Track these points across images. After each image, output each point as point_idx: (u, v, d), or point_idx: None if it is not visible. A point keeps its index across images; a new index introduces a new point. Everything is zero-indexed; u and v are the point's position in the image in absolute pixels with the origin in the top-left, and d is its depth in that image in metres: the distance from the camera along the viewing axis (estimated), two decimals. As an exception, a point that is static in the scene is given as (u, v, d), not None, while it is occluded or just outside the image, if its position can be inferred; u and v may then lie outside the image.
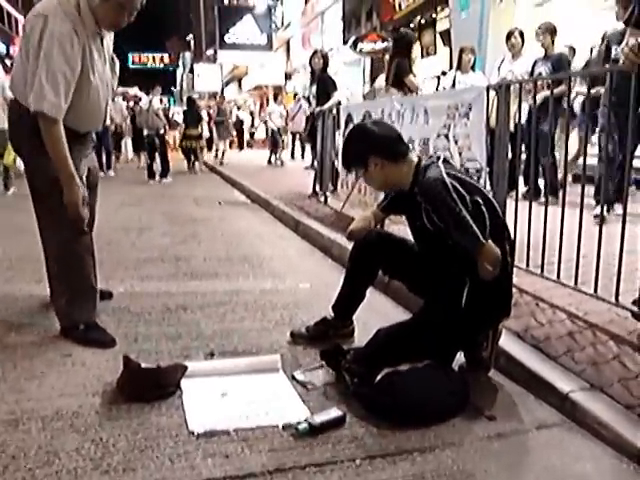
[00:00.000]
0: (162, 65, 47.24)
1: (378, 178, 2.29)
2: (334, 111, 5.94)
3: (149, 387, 2.12)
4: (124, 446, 1.82)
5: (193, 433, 1.89)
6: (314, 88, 7.03)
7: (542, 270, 3.08)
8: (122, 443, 1.84)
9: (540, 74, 5.70)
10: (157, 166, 10.39)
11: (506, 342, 2.43)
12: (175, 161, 11.49)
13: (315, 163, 7.17)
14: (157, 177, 10.34)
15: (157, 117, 10.25)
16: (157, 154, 10.42)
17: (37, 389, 2.19)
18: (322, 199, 6.54)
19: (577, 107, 6.54)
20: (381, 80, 6.91)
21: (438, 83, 7.80)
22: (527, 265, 3.18)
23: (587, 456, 1.80)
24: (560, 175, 5.27)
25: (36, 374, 2.31)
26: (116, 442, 1.84)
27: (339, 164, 5.88)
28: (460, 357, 2.35)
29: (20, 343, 2.62)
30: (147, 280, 3.73)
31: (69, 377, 2.30)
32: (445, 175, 2.06)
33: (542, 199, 3.19)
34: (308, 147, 10.53)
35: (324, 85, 6.89)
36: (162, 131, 10.46)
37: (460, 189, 2.03)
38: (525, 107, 4.52)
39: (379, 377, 2.11)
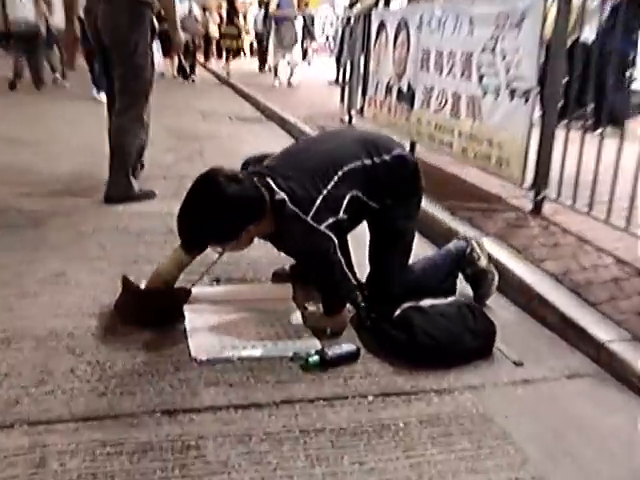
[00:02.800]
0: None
1: (248, 241, 2.20)
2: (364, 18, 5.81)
3: (149, 311, 2.21)
4: (122, 370, 1.93)
5: (196, 360, 2.00)
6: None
7: (590, 209, 3.09)
8: (119, 367, 1.95)
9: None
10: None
11: (541, 284, 2.50)
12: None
13: (341, 77, 7.08)
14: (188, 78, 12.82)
15: (196, 22, 13.33)
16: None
17: (29, 308, 2.31)
18: (347, 119, 6.50)
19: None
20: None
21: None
22: (574, 202, 3.19)
23: (621, 409, 1.87)
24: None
25: (28, 293, 2.43)
26: (113, 365, 1.95)
27: (370, 78, 5.80)
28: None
29: (8, 262, 2.73)
30: (146, 200, 3.81)
31: (63, 297, 2.41)
32: (302, 214, 2.07)
33: (599, 130, 3.15)
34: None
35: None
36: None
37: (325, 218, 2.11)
38: (592, 19, 4.36)
39: (398, 312, 2.20)
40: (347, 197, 2.19)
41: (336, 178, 2.18)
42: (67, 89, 9.76)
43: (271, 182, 2.12)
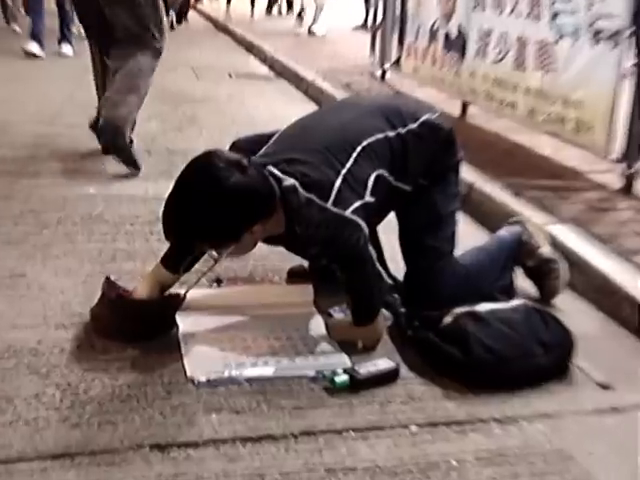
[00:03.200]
0: None
1: (252, 243, 2.20)
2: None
3: (134, 321, 2.23)
4: (100, 394, 1.95)
5: (193, 381, 2.02)
6: None
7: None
8: (97, 390, 1.97)
9: None
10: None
11: (633, 283, 2.50)
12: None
13: (370, 20, 7.07)
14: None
15: None
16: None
17: (-21, 318, 2.33)
18: (379, 74, 6.50)
19: None
20: None
21: None
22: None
23: None
24: None
25: (-22, 298, 2.46)
26: (89, 388, 1.97)
27: (409, 21, 5.79)
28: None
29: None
30: (128, 179, 3.84)
31: (24, 304, 2.44)
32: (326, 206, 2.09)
33: None
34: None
35: None
36: None
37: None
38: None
39: (447, 319, 2.21)
40: (372, 177, 2.21)
41: (355, 154, 2.20)
42: (19, 35, 9.77)
43: (273, 169, 2.13)
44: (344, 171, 2.15)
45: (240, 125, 5.17)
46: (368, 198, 2.17)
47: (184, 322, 2.31)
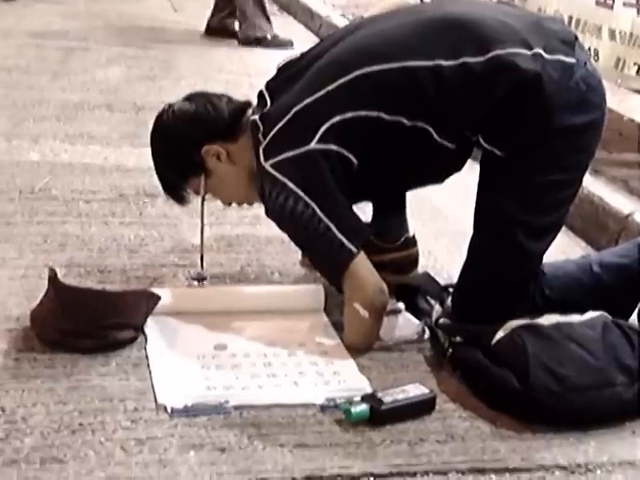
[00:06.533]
0: None
1: (232, 175, 2.58)
2: None
3: (89, 326, 2.24)
4: (43, 422, 1.95)
5: (165, 408, 2.02)
6: None
7: None
8: (40, 417, 1.97)
9: None
10: None
11: None
12: None
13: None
14: None
15: None
16: None
17: None
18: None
19: None
20: None
21: None
22: None
23: None
24: None
25: None
26: (29, 415, 1.97)
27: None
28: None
29: None
30: (82, 143, 3.85)
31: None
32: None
33: None
34: None
35: None
36: None
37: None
38: None
39: (500, 334, 2.21)
40: (340, 119, 2.28)
41: (341, 81, 2.29)
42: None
43: (266, 94, 2.52)
44: (305, 102, 2.28)
45: (229, 73, 5.19)
46: (319, 146, 2.28)
47: (155, 330, 2.33)
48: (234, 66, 5.50)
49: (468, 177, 2.60)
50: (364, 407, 2.01)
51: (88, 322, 2.26)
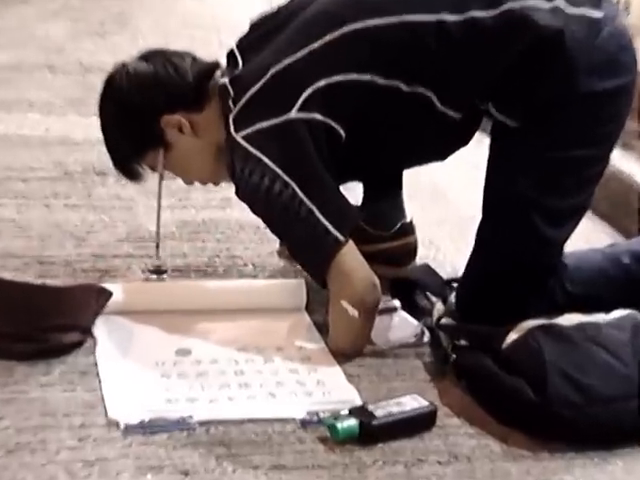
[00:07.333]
0: None
1: (194, 148, 2.47)
2: None
3: (27, 328, 2.19)
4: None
5: (118, 425, 1.94)
6: None
7: None
8: (-33, 435, 1.91)
9: None
10: None
11: None
12: None
13: None
14: None
15: None
16: None
17: None
18: None
19: None
20: None
21: None
22: None
23: None
24: None
25: None
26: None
27: None
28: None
29: None
30: (19, 110, 3.81)
31: None
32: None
33: None
34: None
35: None
36: None
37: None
38: None
39: (512, 336, 2.15)
40: (326, 82, 2.22)
41: (328, 38, 2.24)
42: None
43: (237, 53, 2.42)
44: (284, 63, 2.24)
45: (195, 28, 5.18)
46: (300, 114, 2.22)
47: (105, 333, 2.26)
48: (201, 20, 5.53)
49: (476, 153, 2.58)
50: (352, 422, 1.93)
51: (26, 323, 2.21)
